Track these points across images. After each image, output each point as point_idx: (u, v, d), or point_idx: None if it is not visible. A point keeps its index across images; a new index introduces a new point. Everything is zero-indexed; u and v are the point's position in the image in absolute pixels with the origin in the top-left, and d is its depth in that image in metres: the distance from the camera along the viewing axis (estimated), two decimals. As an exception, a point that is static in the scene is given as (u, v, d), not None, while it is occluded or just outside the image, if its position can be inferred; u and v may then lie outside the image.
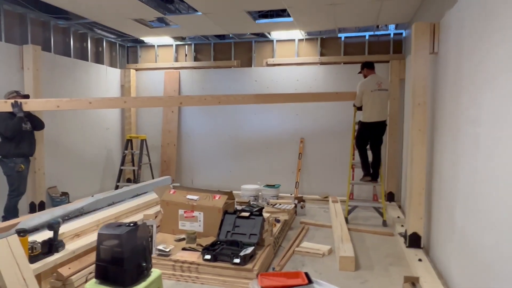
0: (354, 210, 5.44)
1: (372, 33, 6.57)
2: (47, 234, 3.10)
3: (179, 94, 7.34)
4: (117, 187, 6.67)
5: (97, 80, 6.90)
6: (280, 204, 5.47)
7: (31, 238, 2.98)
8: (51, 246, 3.01)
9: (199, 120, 7.32)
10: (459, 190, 2.87)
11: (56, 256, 2.98)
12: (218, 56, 7.37)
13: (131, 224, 2.18)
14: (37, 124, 5.01)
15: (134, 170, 7.01)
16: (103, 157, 7.11)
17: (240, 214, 3.89)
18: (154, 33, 6.66)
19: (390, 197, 6.11)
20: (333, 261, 3.83)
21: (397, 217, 5.14)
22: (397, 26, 6.41)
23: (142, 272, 2.17)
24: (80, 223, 3.63)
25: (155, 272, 2.30)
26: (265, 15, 5.82)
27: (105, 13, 5.43)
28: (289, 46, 6.99)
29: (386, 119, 5.12)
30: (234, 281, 3.24)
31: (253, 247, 3.49)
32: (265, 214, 3.98)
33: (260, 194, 6.14)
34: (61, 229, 3.19)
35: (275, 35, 6.80)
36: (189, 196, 4.20)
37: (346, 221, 4.98)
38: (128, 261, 2.08)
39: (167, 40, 7.31)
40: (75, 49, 6.50)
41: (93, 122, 6.80)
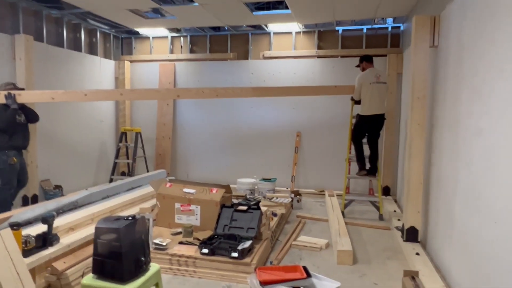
0: (351, 204, 5.44)
1: (370, 27, 6.53)
2: (41, 228, 3.04)
3: (174, 87, 7.25)
4: (111, 180, 6.60)
5: (91, 72, 6.78)
6: (277, 198, 5.44)
7: (25, 232, 2.92)
8: (45, 240, 2.95)
9: (195, 113, 7.25)
10: (459, 184, 2.86)
11: (51, 250, 2.92)
12: (214, 49, 7.28)
13: (130, 218, 2.14)
14: (31, 117, 4.90)
15: (129, 163, 6.93)
16: (97, 150, 7.02)
17: (238, 208, 3.85)
18: (149, 24, 6.55)
19: (386, 191, 6.12)
20: (331, 255, 3.82)
21: (394, 211, 5.14)
22: (395, 20, 6.37)
23: (141, 267, 2.13)
24: (75, 217, 3.58)
25: (154, 267, 2.26)
26: (262, 7, 5.75)
27: (99, 3, 5.31)
28: (286, 39, 6.92)
29: (385, 113, 5.10)
30: (232, 275, 3.21)
31: (251, 241, 3.46)
32: (262, 208, 3.95)
33: (256, 188, 6.11)
34: (55, 223, 3.13)
35: (272, 28, 6.73)
36: (186, 190, 4.16)
37: (343, 215, 4.97)
38: (127, 256, 2.03)
39: (163, 32, 7.20)
40: (68, 40, 6.37)
41: (87, 115, 6.69)
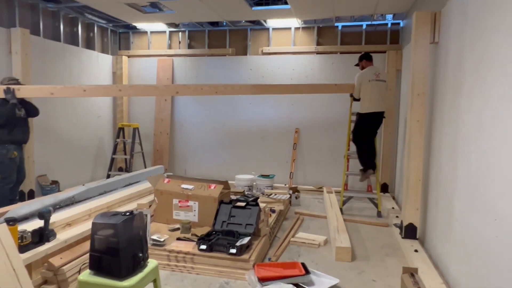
0: (349, 201, 5.43)
1: (369, 23, 6.50)
2: (38, 223, 3.00)
3: (172, 82, 7.21)
4: (109, 176, 6.56)
5: (88, 67, 6.73)
6: (276, 194, 5.43)
7: (21, 227, 2.89)
8: (42, 236, 2.91)
9: (193, 109, 7.21)
10: (458, 181, 2.85)
11: (47, 246, 2.89)
12: (213, 44, 7.23)
13: (127, 213, 2.11)
14: (32, 111, 4.89)
15: (126, 159, 6.89)
16: (95, 146, 6.98)
17: (236, 204, 3.83)
18: (147, 19, 6.49)
19: (384, 188, 6.12)
20: (329, 252, 3.81)
21: (392, 208, 5.14)
22: (395, 16, 6.35)
23: (139, 263, 2.10)
24: (72, 212, 3.54)
25: (152, 263, 2.24)
26: (261, 3, 5.70)
27: (97, -3, 5.26)
28: (285, 35, 6.88)
29: (385, 111, 5.07)
30: (230, 271, 3.19)
31: (249, 237, 3.45)
32: (261, 204, 3.93)
33: (255, 184, 6.09)
34: (52, 218, 3.09)
35: (271, 23, 6.69)
36: (184, 186, 4.13)
37: (341, 212, 4.96)
38: (124, 252, 2.01)
39: (161, 27, 7.14)
40: (65, 34, 6.31)
41: (85, 110, 6.64)
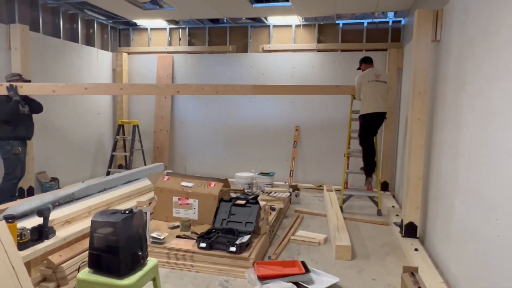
0: (349, 199, 5.42)
1: (371, 21, 6.47)
2: (37, 221, 2.99)
3: (172, 79, 7.19)
4: (109, 173, 6.55)
5: (88, 63, 6.70)
6: (276, 193, 5.42)
7: (20, 225, 2.88)
8: (41, 233, 2.90)
9: (193, 106, 7.19)
10: (459, 181, 2.84)
11: (47, 243, 2.88)
12: (213, 41, 7.20)
13: (127, 212, 2.10)
14: (35, 107, 4.91)
15: (126, 156, 6.88)
16: (94, 143, 6.96)
17: (236, 202, 3.82)
18: (147, 16, 6.46)
19: (384, 187, 6.11)
20: (329, 250, 3.80)
21: (392, 207, 5.14)
22: (396, 14, 6.32)
23: (138, 261, 2.09)
24: (71, 210, 3.53)
25: (151, 261, 2.23)
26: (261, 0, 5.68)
27: (97, -7, 5.23)
28: (286, 32, 6.85)
29: (386, 111, 5.03)
30: (230, 270, 3.19)
31: (249, 236, 3.44)
32: (261, 202, 3.92)
33: (255, 182, 6.08)
34: (52, 216, 3.08)
35: (272, 20, 6.66)
36: (184, 183, 4.12)
37: (341, 210, 4.95)
38: (124, 250, 2.00)
39: (161, 23, 7.11)
40: (65, 30, 6.28)
41: (84, 106, 6.62)
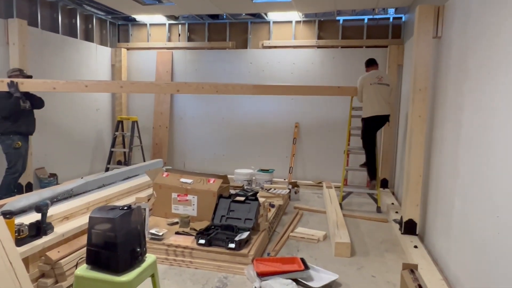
0: (348, 196, 5.41)
1: (371, 17, 6.43)
2: (35, 217, 2.98)
3: (172, 75, 7.16)
4: (108, 169, 6.53)
5: (87, 59, 6.66)
6: (275, 189, 5.41)
7: (18, 220, 2.86)
8: (39, 229, 2.89)
9: (192, 102, 7.16)
10: (459, 178, 2.83)
11: (45, 239, 2.86)
12: (213, 37, 7.16)
13: (125, 208, 2.08)
14: (37, 103, 4.93)
15: (125, 152, 6.86)
16: (93, 139, 6.94)
17: (235, 199, 3.81)
18: (147, 11, 6.41)
19: (384, 184, 6.10)
20: (328, 247, 3.79)
21: (391, 204, 5.13)
22: (397, 10, 6.28)
23: (137, 258, 2.08)
24: (70, 206, 3.51)
25: (150, 258, 2.21)
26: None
27: (95, -12, 5.19)
28: (286, 28, 6.82)
29: (389, 114, 4.98)
30: (229, 266, 3.18)
31: (249, 232, 3.42)
32: (260, 199, 3.91)
33: (254, 179, 6.07)
34: (50, 212, 3.06)
35: (272, 16, 6.62)
36: (183, 180, 4.10)
37: (341, 207, 4.95)
38: (122, 246, 1.98)
39: (160, 19, 7.06)
40: (64, 26, 6.24)
41: (83, 102, 6.59)
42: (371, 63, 5.14)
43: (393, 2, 5.67)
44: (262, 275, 2.93)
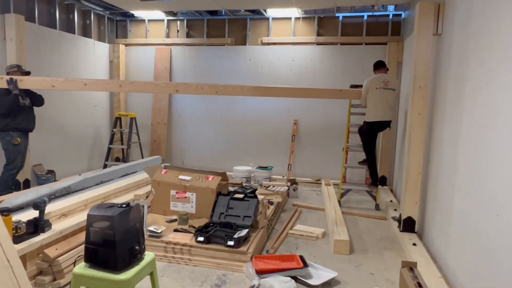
0: (347, 194, 5.41)
1: (371, 14, 6.41)
2: (33, 214, 2.96)
3: (170, 72, 7.12)
4: (106, 166, 6.51)
5: (85, 55, 6.62)
6: (274, 186, 5.40)
7: (15, 218, 2.85)
8: (37, 226, 2.87)
9: (191, 99, 7.13)
10: (459, 176, 2.82)
11: (42, 237, 2.85)
12: (211, 33, 7.12)
13: (124, 205, 2.06)
14: (37, 101, 4.92)
15: (123, 149, 6.83)
16: (91, 135, 6.90)
17: (234, 196, 3.80)
18: (145, 7, 6.36)
19: (382, 181, 6.09)
20: (327, 244, 3.79)
21: (390, 201, 5.13)
22: (396, 7, 6.26)
23: (135, 256, 2.07)
24: (68, 203, 3.49)
25: (149, 256, 2.20)
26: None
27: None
28: (285, 25, 6.78)
29: (391, 120, 4.93)
30: (228, 264, 3.17)
31: (247, 230, 3.42)
32: (259, 196, 3.90)
33: (253, 176, 6.06)
34: (48, 209, 3.05)
35: (271, 13, 6.59)
36: (182, 177, 4.09)
37: (339, 204, 4.94)
38: (120, 244, 1.97)
39: (159, 15, 7.02)
40: (61, 21, 6.18)
41: (81, 99, 6.55)
42: (379, 66, 4.96)
43: (393, -1, 5.64)
44: (261, 273, 2.92)
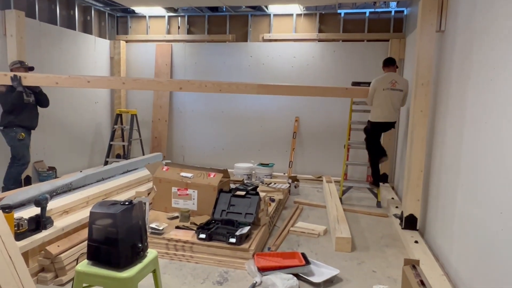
0: (349, 191, 5.40)
1: (373, 10, 6.37)
2: (34, 211, 2.96)
3: (171, 68, 7.11)
4: (107, 163, 6.50)
5: (85, 51, 6.59)
6: (275, 184, 5.39)
7: (17, 215, 2.85)
8: (39, 223, 2.87)
9: (192, 96, 7.11)
10: (462, 174, 2.81)
11: (44, 234, 2.85)
12: (213, 30, 7.09)
13: (126, 203, 2.06)
14: (43, 102, 4.96)
15: (124, 146, 6.83)
16: (92, 132, 6.89)
17: (236, 193, 3.79)
18: (146, 3, 6.33)
19: (384, 178, 6.09)
20: (329, 242, 3.79)
21: (391, 199, 5.12)
22: (398, 4, 6.22)
23: (138, 253, 2.06)
24: (69, 200, 3.50)
25: (151, 253, 2.19)
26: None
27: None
28: (287, 21, 6.75)
29: (395, 121, 4.87)
30: (230, 261, 3.17)
31: (249, 227, 3.41)
32: (260, 193, 3.89)
33: (254, 173, 6.06)
34: (49, 205, 3.04)
35: (273, 9, 6.55)
36: (183, 174, 4.08)
37: (341, 202, 4.94)
38: (123, 242, 1.96)
39: (159, 11, 6.98)
40: (62, 17, 6.16)
41: (82, 95, 6.53)
42: (388, 63, 4.82)
43: (395, -5, 5.61)
44: (263, 270, 2.92)
